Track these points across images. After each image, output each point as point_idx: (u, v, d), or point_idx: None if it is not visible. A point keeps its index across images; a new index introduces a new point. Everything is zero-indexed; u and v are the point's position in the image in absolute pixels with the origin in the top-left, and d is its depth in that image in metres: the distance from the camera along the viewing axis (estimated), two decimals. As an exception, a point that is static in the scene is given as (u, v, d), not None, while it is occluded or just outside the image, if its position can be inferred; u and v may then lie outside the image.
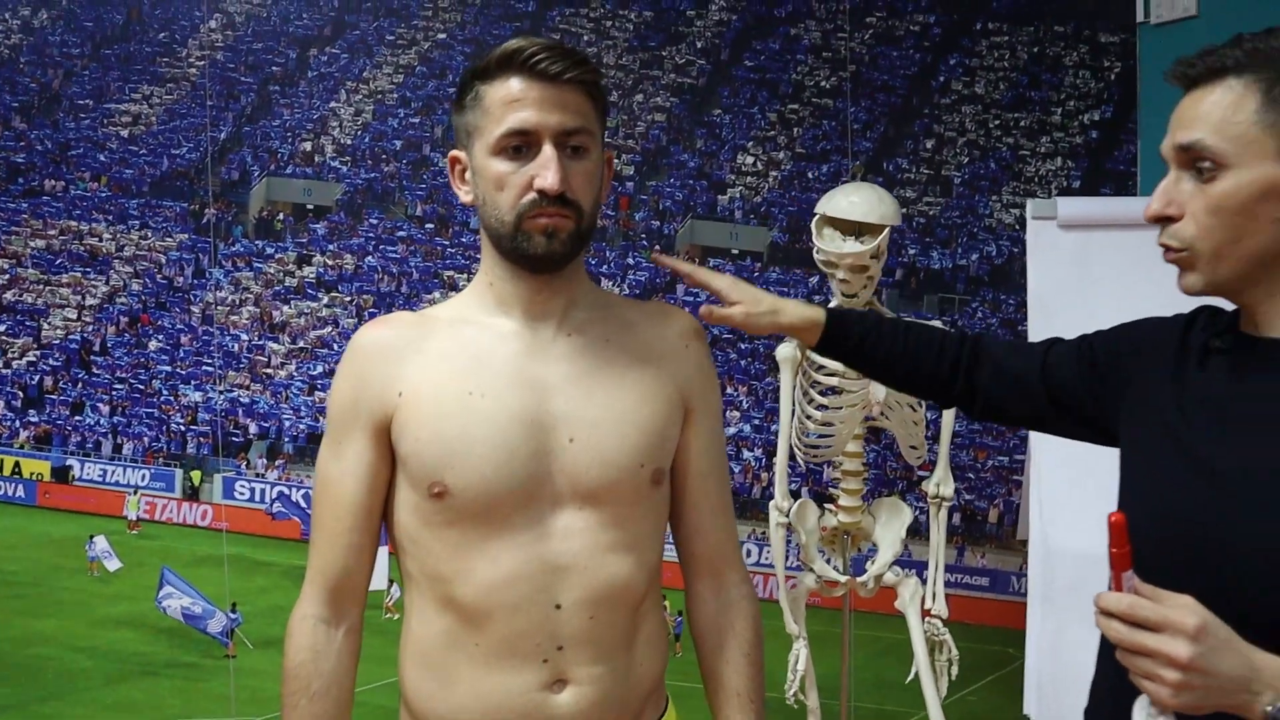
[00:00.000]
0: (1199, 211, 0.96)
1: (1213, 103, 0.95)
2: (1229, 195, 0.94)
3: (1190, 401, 1.01)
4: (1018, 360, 1.22)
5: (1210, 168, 0.95)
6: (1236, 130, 0.94)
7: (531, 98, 1.12)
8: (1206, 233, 0.96)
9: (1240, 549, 0.94)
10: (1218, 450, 0.97)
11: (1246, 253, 0.96)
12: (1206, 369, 1.02)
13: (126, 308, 23.30)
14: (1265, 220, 0.94)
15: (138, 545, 16.09)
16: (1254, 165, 0.94)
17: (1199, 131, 0.95)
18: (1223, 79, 0.95)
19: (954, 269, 22.41)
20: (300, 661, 1.18)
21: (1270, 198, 0.94)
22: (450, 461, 1.13)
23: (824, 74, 26.42)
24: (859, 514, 3.02)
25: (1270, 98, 0.94)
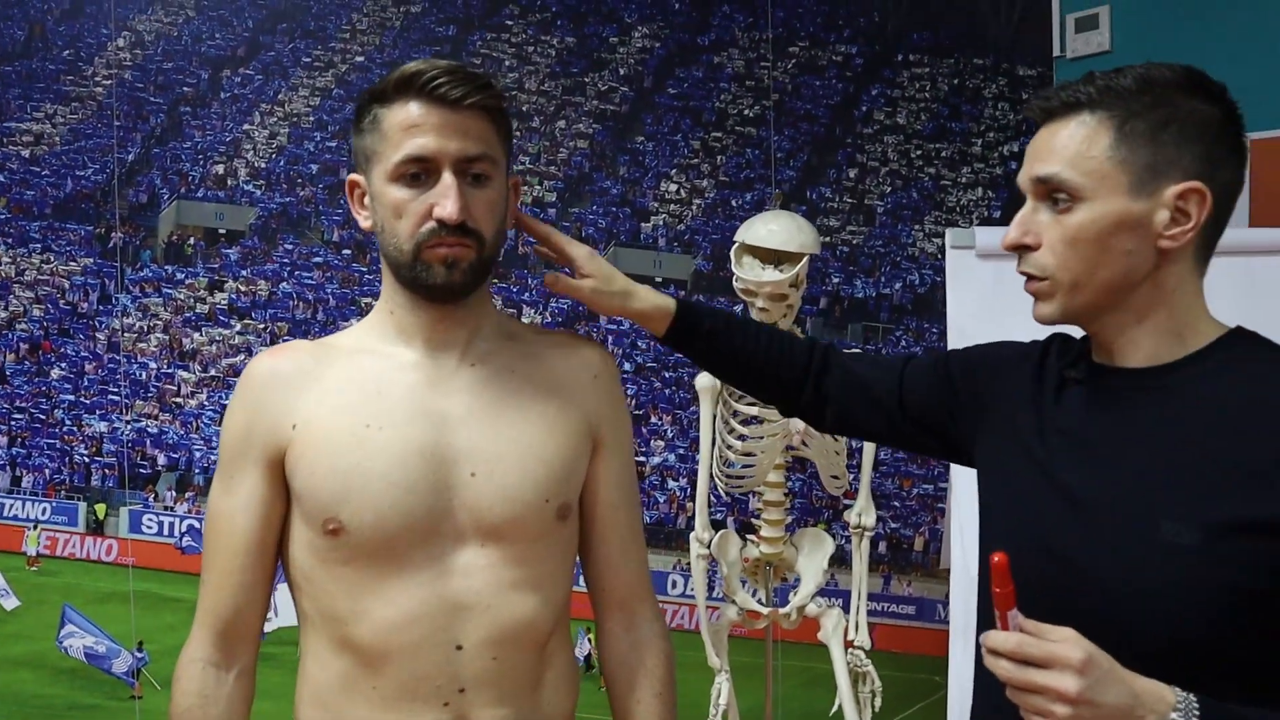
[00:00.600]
0: (1055, 241, 1.00)
1: (1068, 136, 1.00)
2: (1084, 227, 0.99)
3: (1050, 430, 1.04)
4: (871, 371, 1.24)
5: (1066, 200, 1.00)
6: (1091, 165, 0.99)
7: (431, 123, 1.10)
8: (1064, 262, 1.00)
9: (1105, 577, 0.97)
10: (1080, 479, 0.99)
11: (1101, 283, 0.99)
12: (1062, 399, 1.05)
13: (27, 334, 22.71)
14: (1118, 252, 0.99)
15: (37, 582, 15.75)
16: (1107, 199, 0.98)
17: (1055, 165, 1.00)
18: (1077, 114, 1.00)
19: (877, 297, 22.90)
20: (187, 707, 1.15)
21: (1122, 230, 0.99)
22: (345, 497, 1.10)
23: (747, 102, 26.89)
24: (781, 544, 3.03)
25: (1121, 134, 0.98)
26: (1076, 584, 0.99)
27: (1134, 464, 0.98)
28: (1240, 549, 0.93)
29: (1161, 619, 0.94)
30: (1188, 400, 0.98)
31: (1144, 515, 0.96)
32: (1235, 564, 0.93)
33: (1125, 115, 0.99)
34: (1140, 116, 0.98)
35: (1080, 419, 1.03)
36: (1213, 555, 0.93)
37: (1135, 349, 1.01)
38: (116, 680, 11.34)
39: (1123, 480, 0.98)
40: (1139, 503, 0.96)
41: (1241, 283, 2.18)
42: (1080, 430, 1.02)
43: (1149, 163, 0.98)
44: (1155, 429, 0.98)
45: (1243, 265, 2.22)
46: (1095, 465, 0.99)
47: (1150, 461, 0.97)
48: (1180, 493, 0.95)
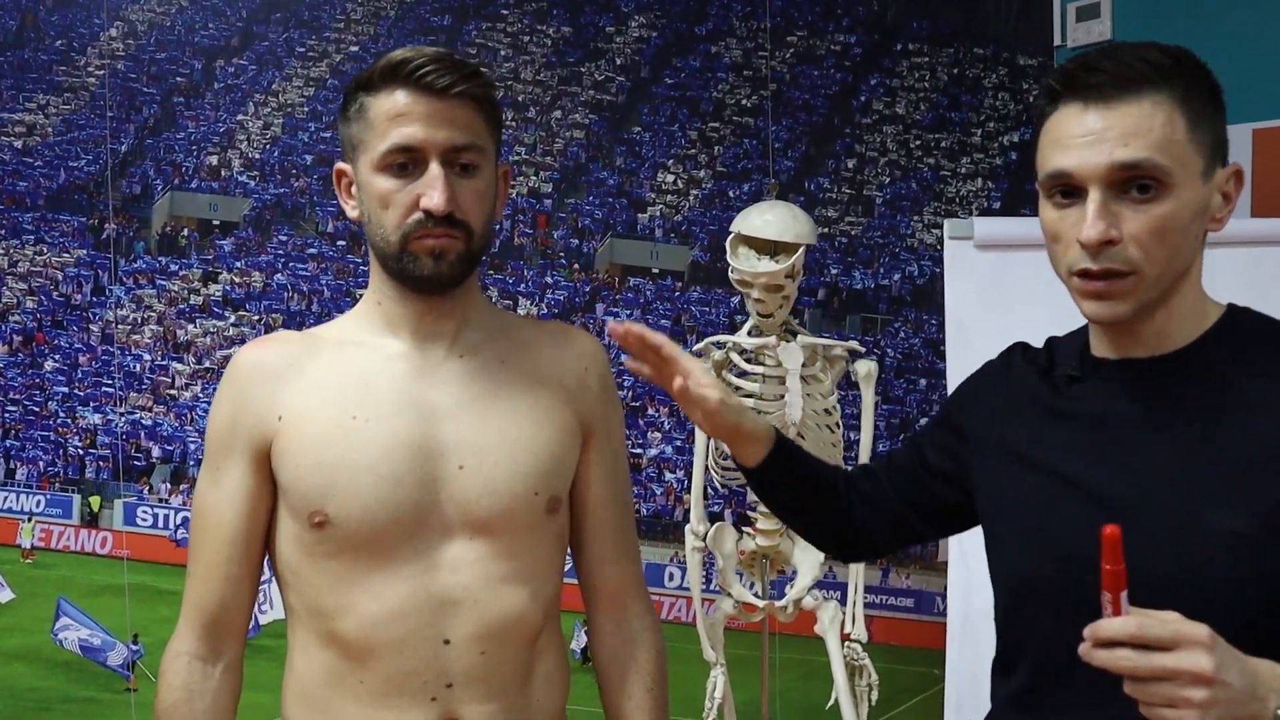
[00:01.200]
0: (1142, 233, 0.91)
1: (1144, 118, 0.91)
2: (1174, 216, 0.91)
3: (1052, 434, 0.98)
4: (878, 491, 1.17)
5: (1153, 187, 0.91)
6: (1177, 149, 0.91)
7: (418, 112, 1.06)
8: (1151, 254, 0.92)
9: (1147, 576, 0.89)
10: (1102, 477, 0.94)
11: (1174, 273, 0.93)
12: (1061, 400, 0.99)
13: (20, 326, 22.68)
14: (1193, 237, 0.93)
15: (32, 575, 15.57)
16: (1189, 184, 0.92)
17: (1144, 150, 0.91)
18: (1141, 92, 0.91)
19: (876, 289, 22.88)
20: (173, 702, 1.12)
21: (1199, 216, 0.93)
22: (331, 489, 1.07)
23: (745, 92, 26.82)
24: (777, 537, 2.98)
25: (1192, 115, 0.92)
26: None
27: (1166, 454, 0.92)
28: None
29: (1216, 614, 0.87)
30: (1214, 382, 0.93)
31: (1187, 506, 0.90)
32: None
33: (1184, 96, 0.92)
34: (1195, 95, 0.92)
35: (1092, 416, 0.97)
36: (1269, 541, 0.89)
37: (1162, 336, 0.96)
38: (111, 673, 11.29)
39: (1155, 472, 0.92)
40: (1179, 494, 0.91)
41: (1244, 273, 2.15)
42: (1094, 427, 0.96)
43: (1212, 144, 0.93)
44: (1185, 415, 0.93)
45: (1245, 256, 2.19)
46: (1118, 461, 0.94)
47: (1185, 449, 0.92)
48: (1225, 479, 0.90)
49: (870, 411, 3.00)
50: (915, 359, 20.68)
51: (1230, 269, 2.23)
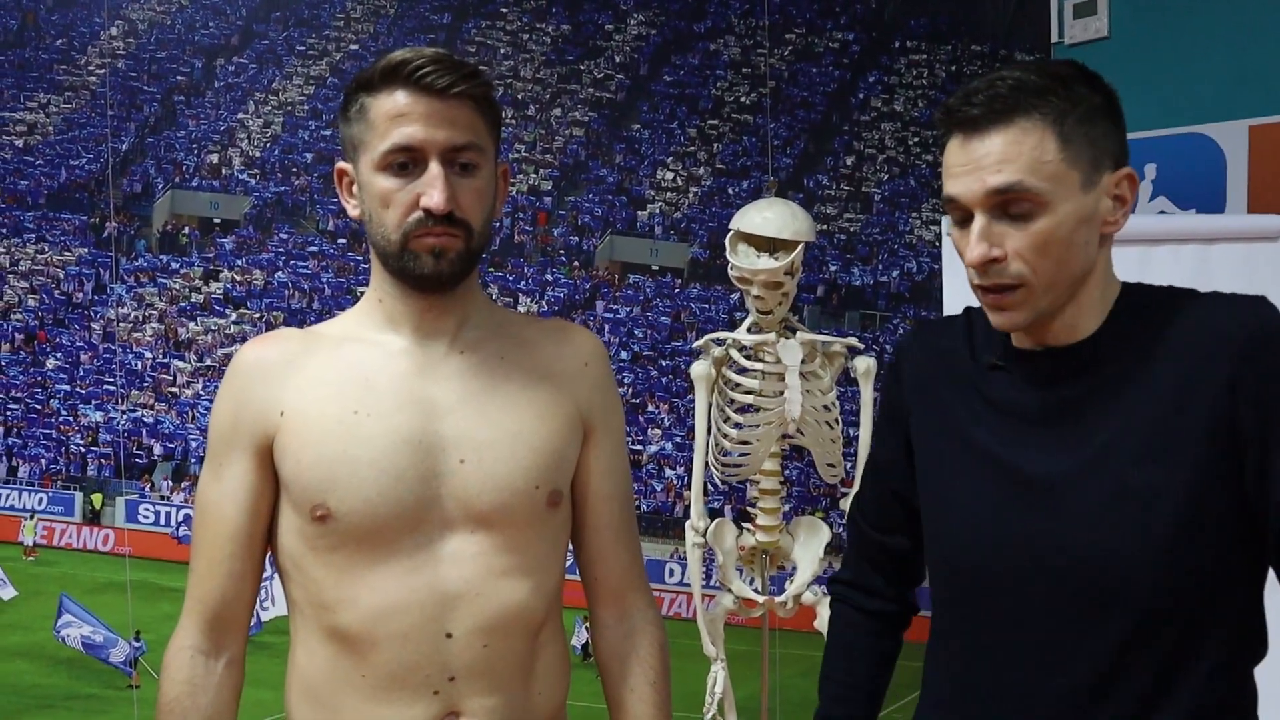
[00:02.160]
0: (1024, 250, 0.98)
1: (1013, 143, 0.98)
2: (1053, 231, 0.98)
3: (987, 420, 1.03)
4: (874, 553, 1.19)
5: (1028, 207, 0.98)
6: (1049, 169, 0.97)
7: (418, 112, 1.08)
8: (1036, 268, 0.99)
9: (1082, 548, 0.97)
10: (1030, 460, 1.00)
11: (1067, 280, 1.00)
12: (989, 388, 1.04)
13: (22, 324, 22.60)
14: (1079, 246, 0.99)
15: (34, 572, 15.50)
16: (1066, 199, 0.98)
17: (1013, 174, 0.97)
18: (1011, 120, 0.98)
19: (875, 285, 22.85)
20: (175, 696, 1.13)
21: (1082, 226, 0.99)
22: (333, 484, 1.09)
23: (744, 90, 26.78)
24: (777, 533, 2.98)
25: (1063, 133, 0.97)
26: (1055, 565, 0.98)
27: (1087, 432, 0.99)
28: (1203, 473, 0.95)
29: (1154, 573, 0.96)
30: (1116, 361, 1.01)
31: (1111, 473, 0.97)
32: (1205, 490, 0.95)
33: (1057, 115, 0.98)
34: (1068, 114, 0.98)
35: (1018, 405, 1.03)
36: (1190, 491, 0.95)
37: (1072, 329, 1.02)
38: (114, 669, 11.28)
39: (1079, 450, 0.99)
40: (1103, 465, 0.97)
41: (1240, 268, 2.15)
42: (1021, 417, 1.02)
43: (1090, 156, 0.99)
44: (1100, 394, 1.00)
45: (1242, 251, 2.20)
46: (1044, 445, 1.00)
47: (1104, 425, 0.99)
48: (1141, 442, 0.97)
49: (869, 408, 3.01)
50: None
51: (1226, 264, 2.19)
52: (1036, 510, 0.99)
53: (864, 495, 1.20)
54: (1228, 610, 0.98)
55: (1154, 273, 1.99)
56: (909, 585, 1.21)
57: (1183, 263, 2.14)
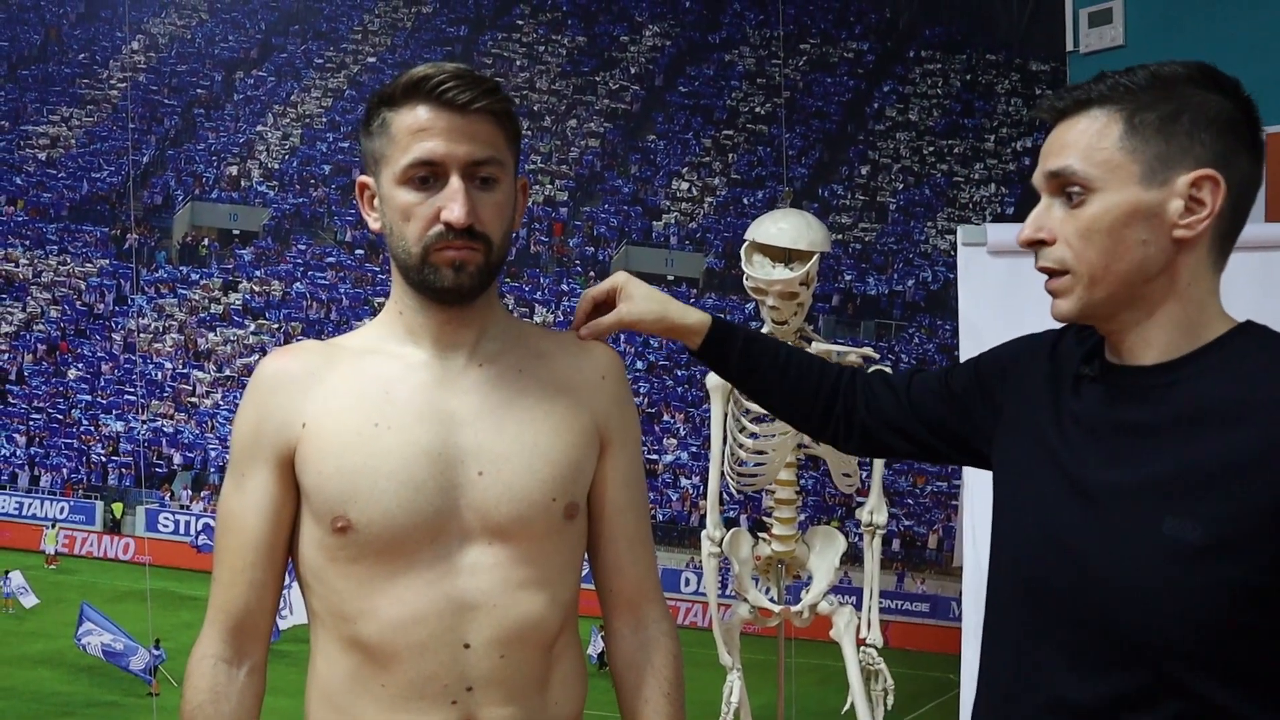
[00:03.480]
0: (1070, 235, 0.99)
1: (1079, 131, 0.99)
2: (1098, 218, 0.98)
3: (1066, 424, 1.03)
4: (886, 392, 1.24)
5: (1079, 192, 0.98)
6: (1102, 156, 0.98)
7: (439, 127, 1.09)
8: (1079, 255, 0.99)
9: (1109, 574, 0.96)
10: (1093, 474, 0.99)
11: (1117, 276, 0.98)
12: (1079, 394, 1.04)
13: (44, 335, 22.71)
14: (1133, 242, 0.97)
15: (56, 580, 15.58)
16: (1119, 189, 0.97)
17: (1067, 158, 0.99)
18: (1087, 110, 0.99)
19: (890, 295, 22.76)
20: (199, 704, 1.14)
21: (1135, 220, 0.97)
22: (353, 495, 1.10)
23: (759, 100, 26.76)
24: (793, 543, 3.00)
25: (1131, 126, 0.97)
26: (1082, 579, 0.98)
27: (1141, 461, 0.97)
28: (1240, 545, 0.92)
29: (1163, 617, 0.93)
30: (1192, 396, 0.97)
31: (1149, 512, 0.95)
32: (1235, 560, 0.92)
33: (1135, 108, 0.98)
34: (1150, 109, 0.98)
35: (1095, 417, 1.02)
36: (1213, 551, 0.92)
37: (1146, 346, 1.00)
38: (134, 677, 11.28)
39: (1131, 477, 0.97)
40: (1145, 499, 0.95)
41: (1259, 278, 2.13)
42: (1095, 429, 1.01)
43: (1160, 152, 0.97)
44: (1161, 426, 0.97)
45: (1260, 260, 2.19)
46: (1107, 461, 0.99)
47: (1156, 458, 0.96)
48: (1184, 489, 0.94)
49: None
50: (929, 364, 20.57)
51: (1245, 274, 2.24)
52: (1089, 521, 0.99)
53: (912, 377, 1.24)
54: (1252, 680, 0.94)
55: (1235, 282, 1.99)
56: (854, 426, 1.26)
57: (1200, 271, 2.13)
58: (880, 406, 1.24)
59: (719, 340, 1.26)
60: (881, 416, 1.24)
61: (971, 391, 1.17)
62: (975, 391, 1.16)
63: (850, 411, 1.26)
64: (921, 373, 1.25)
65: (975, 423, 1.16)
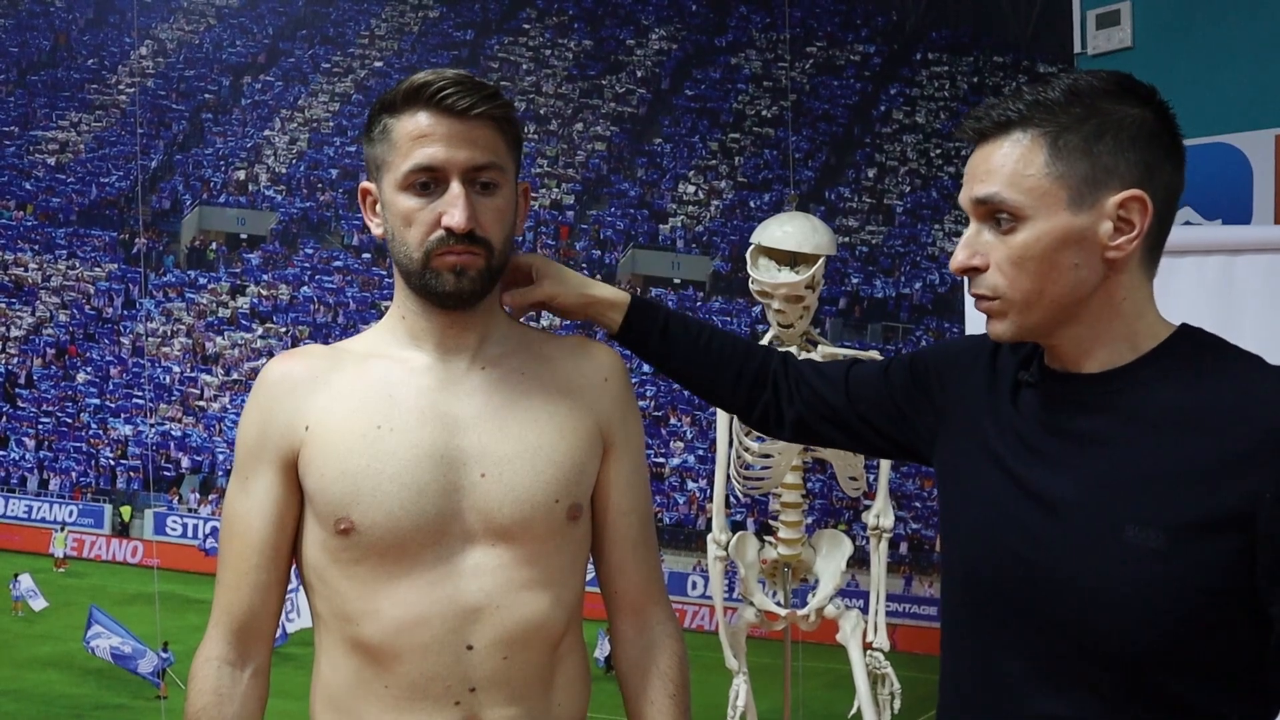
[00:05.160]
0: (1002, 262, 0.98)
1: (1003, 156, 0.98)
2: (1029, 246, 0.97)
3: (1009, 432, 1.02)
4: (821, 379, 1.23)
5: (1009, 220, 0.97)
6: (1029, 183, 0.96)
7: (439, 133, 1.10)
8: (1012, 282, 0.98)
9: (1072, 582, 0.95)
10: (1046, 483, 0.98)
11: (1051, 299, 0.97)
12: (1018, 401, 1.03)
13: (53, 339, 22.87)
14: (1065, 267, 0.96)
15: (65, 583, 15.79)
16: (1048, 216, 0.96)
17: (993, 185, 0.97)
18: (1009, 132, 0.98)
19: (897, 297, 22.73)
20: (203, 706, 1.14)
21: (1067, 245, 0.96)
22: (356, 497, 1.10)
23: (765, 103, 26.77)
24: (799, 546, 2.99)
25: (1055, 149, 0.96)
26: (1043, 588, 0.97)
27: (1094, 469, 0.97)
28: (1204, 549, 0.92)
29: (1129, 624, 0.93)
30: (1140, 404, 0.97)
31: (1109, 520, 0.95)
32: (1200, 564, 0.92)
33: (1057, 129, 0.97)
34: (1072, 129, 0.96)
35: (1037, 423, 1.01)
36: (1178, 557, 0.92)
37: (1087, 357, 1.00)
38: (142, 680, 11.37)
39: (1085, 485, 0.97)
40: (1102, 508, 0.95)
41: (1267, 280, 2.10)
42: (1037, 435, 1.01)
43: (1086, 175, 0.96)
44: (1111, 434, 0.97)
45: (1267, 262, 2.18)
46: (1057, 470, 0.98)
47: (1110, 467, 0.96)
48: (1142, 497, 0.94)
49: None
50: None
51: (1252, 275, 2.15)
52: (1038, 527, 0.98)
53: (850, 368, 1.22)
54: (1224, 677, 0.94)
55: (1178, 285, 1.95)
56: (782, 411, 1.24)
57: (1207, 274, 2.12)
58: (817, 396, 1.23)
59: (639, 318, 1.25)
60: (817, 407, 1.22)
61: (910, 390, 1.16)
62: (914, 391, 1.15)
63: (780, 399, 1.24)
64: (859, 364, 1.23)
65: (913, 423, 1.15)
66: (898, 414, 1.16)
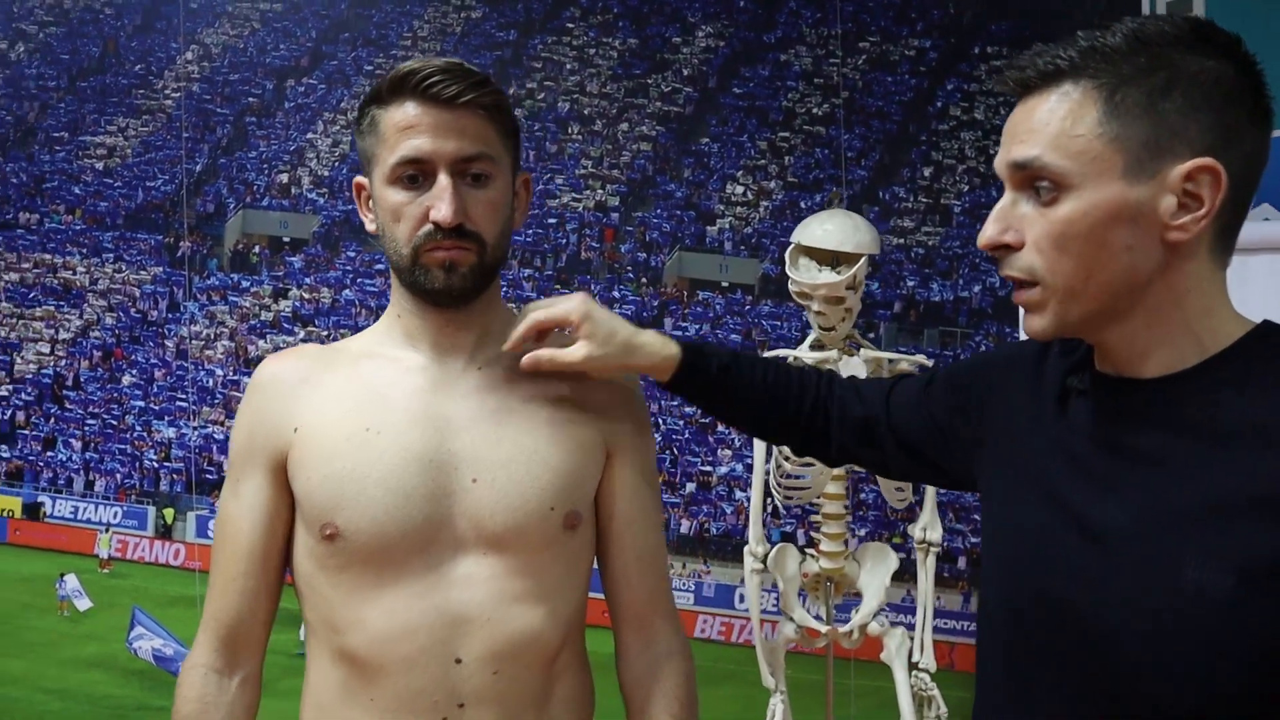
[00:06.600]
0: (1041, 239, 0.85)
1: (1048, 112, 0.85)
2: (1073, 221, 0.84)
3: (1057, 448, 0.91)
4: (864, 407, 1.14)
5: (1050, 189, 0.85)
6: (1078, 145, 0.84)
7: (426, 124, 1.08)
8: (1052, 264, 0.85)
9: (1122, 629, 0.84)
10: (1097, 509, 0.86)
11: (1099, 288, 0.85)
12: (1068, 412, 0.91)
13: (100, 342, 23.58)
14: (1117, 249, 0.84)
15: (109, 584, 16.11)
16: (1099, 186, 0.83)
17: (1034, 147, 0.85)
18: (1058, 84, 0.85)
19: (955, 301, 22.16)
20: (187, 714, 1.13)
21: (1120, 222, 0.84)
22: (341, 502, 1.08)
23: (816, 101, 26.51)
24: (841, 559, 2.91)
25: (1112, 105, 0.83)
26: (1088, 634, 0.85)
27: (1149, 494, 0.84)
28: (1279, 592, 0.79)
29: (1186, 680, 0.81)
30: (1206, 416, 0.84)
31: (1167, 555, 0.82)
32: (1275, 612, 0.79)
33: (1115, 82, 0.83)
34: (1133, 82, 0.83)
35: (1086, 438, 0.88)
36: (1248, 602, 0.79)
37: (1145, 358, 0.86)
38: (182, 684, 11.59)
39: (1138, 513, 0.84)
40: (1158, 541, 0.82)
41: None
42: (1086, 451, 0.88)
43: (1147, 138, 0.82)
44: (1170, 452, 0.84)
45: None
46: (1106, 493, 0.86)
47: (1170, 490, 0.83)
48: (1206, 528, 0.81)
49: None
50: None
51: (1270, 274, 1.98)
52: (1083, 561, 0.86)
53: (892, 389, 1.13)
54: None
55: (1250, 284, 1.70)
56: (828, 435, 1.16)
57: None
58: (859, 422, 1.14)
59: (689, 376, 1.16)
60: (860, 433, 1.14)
61: (950, 409, 1.05)
62: (954, 409, 1.04)
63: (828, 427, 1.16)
64: (904, 382, 1.13)
65: (955, 446, 1.04)
66: (940, 438, 1.06)
